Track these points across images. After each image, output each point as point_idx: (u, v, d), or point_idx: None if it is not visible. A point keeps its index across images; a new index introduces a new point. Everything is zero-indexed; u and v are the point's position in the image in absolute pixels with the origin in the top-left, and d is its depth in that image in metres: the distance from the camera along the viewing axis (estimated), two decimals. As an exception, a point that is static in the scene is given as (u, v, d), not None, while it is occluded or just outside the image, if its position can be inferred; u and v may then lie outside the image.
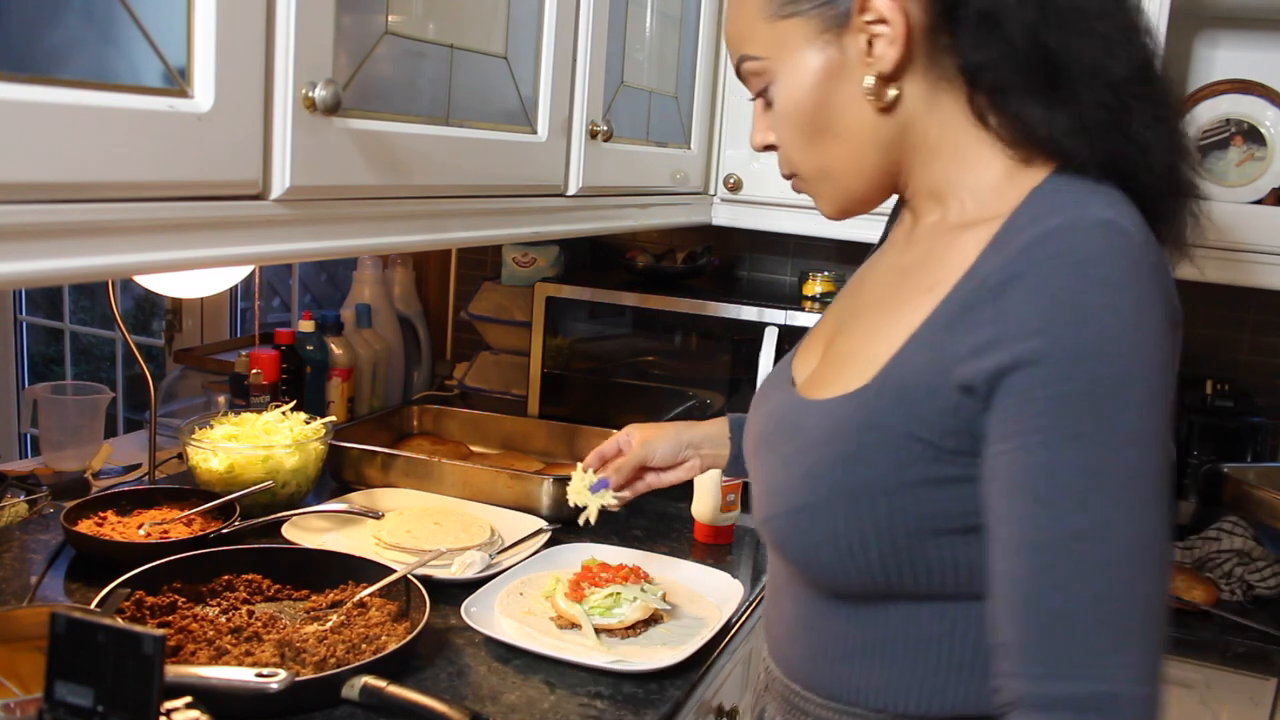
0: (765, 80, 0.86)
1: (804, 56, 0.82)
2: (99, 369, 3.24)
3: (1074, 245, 0.71)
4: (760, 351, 1.83)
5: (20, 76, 0.67)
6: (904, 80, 0.80)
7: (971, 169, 0.82)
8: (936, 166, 0.83)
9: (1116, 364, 0.69)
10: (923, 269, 0.83)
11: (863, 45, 0.80)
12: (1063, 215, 0.73)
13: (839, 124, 0.83)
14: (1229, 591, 1.64)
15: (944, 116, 0.81)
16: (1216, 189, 1.79)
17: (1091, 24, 0.76)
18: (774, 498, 0.85)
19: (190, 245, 0.81)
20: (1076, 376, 0.69)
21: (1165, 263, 0.76)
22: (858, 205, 0.88)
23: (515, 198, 1.26)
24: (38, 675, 0.73)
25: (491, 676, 1.18)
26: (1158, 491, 0.70)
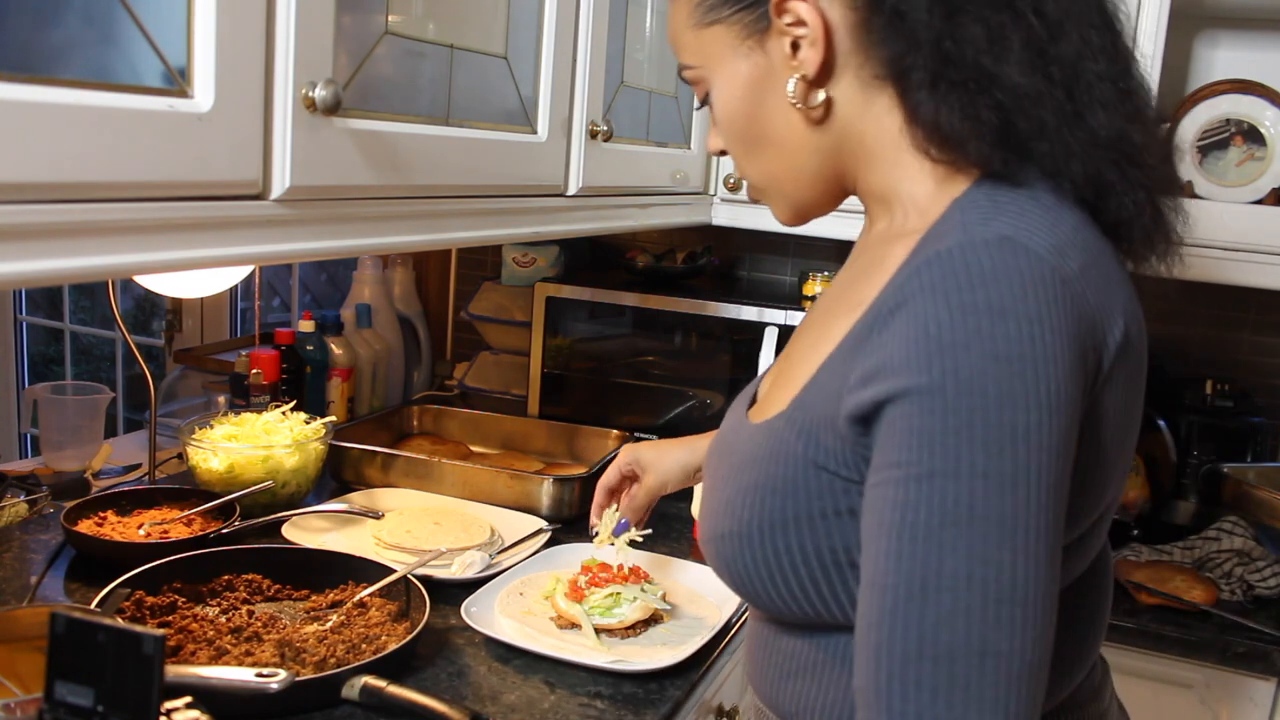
0: (704, 88, 0.84)
1: (732, 64, 0.80)
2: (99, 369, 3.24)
3: (957, 269, 0.66)
4: (760, 351, 1.83)
5: (20, 76, 0.67)
6: (833, 84, 0.77)
7: (907, 176, 0.78)
8: (877, 172, 0.80)
9: (982, 398, 0.64)
10: (856, 284, 0.79)
11: (786, 50, 0.77)
12: (957, 234, 0.69)
13: (772, 131, 0.81)
14: (1229, 591, 1.64)
15: (878, 120, 0.78)
16: (1216, 189, 1.79)
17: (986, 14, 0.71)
18: (704, 522, 0.84)
19: (190, 245, 0.81)
20: (936, 410, 0.64)
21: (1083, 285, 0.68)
22: (808, 210, 0.86)
23: (515, 198, 1.26)
24: (38, 675, 0.73)
25: (491, 676, 1.18)
26: (1033, 540, 0.64)
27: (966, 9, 0.71)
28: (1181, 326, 2.01)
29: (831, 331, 0.78)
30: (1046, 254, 0.67)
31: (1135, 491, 1.81)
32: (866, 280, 0.77)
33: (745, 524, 0.78)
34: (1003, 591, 0.63)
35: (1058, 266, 0.67)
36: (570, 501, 1.65)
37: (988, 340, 0.64)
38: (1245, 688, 1.54)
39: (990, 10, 0.71)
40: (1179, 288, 0.75)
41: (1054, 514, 0.65)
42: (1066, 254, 0.69)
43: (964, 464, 0.64)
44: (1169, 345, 2.01)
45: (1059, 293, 0.66)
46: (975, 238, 0.68)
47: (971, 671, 0.63)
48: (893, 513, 0.66)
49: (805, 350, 0.82)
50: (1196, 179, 1.80)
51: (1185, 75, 1.95)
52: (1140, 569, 1.68)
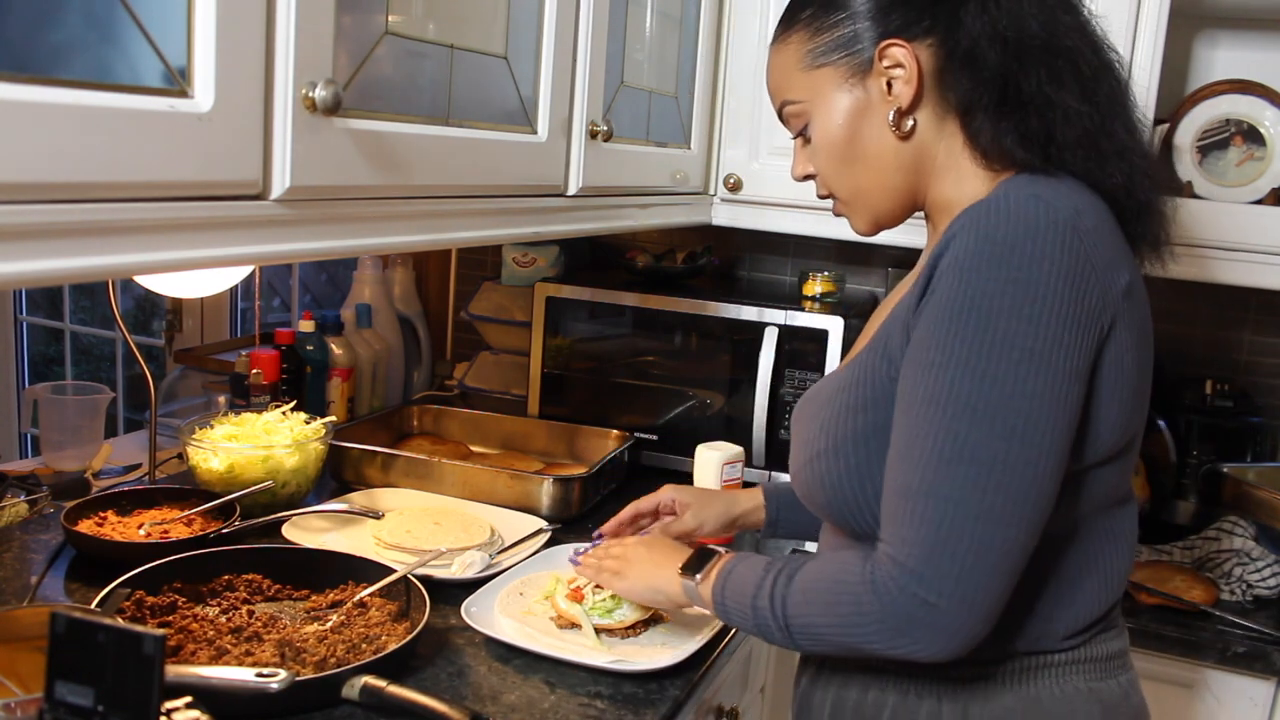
0: (804, 120, 1.02)
1: (835, 98, 0.98)
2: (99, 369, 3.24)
3: (990, 212, 0.85)
4: (760, 351, 1.83)
5: (20, 76, 0.67)
6: (917, 112, 0.96)
7: (966, 183, 0.96)
8: (944, 183, 0.98)
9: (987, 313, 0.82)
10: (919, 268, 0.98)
11: (883, 86, 0.96)
12: (1001, 190, 0.88)
13: (867, 152, 0.99)
14: (1229, 591, 1.64)
15: (947, 141, 0.97)
16: (1216, 189, 1.79)
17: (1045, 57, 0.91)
18: (798, 451, 1.01)
19: (190, 245, 0.81)
20: (948, 318, 0.84)
21: (1095, 240, 0.86)
22: (886, 220, 1.03)
23: (515, 198, 1.26)
24: (38, 675, 0.73)
25: (491, 676, 1.18)
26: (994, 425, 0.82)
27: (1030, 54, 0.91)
28: (1181, 326, 2.01)
29: (900, 294, 0.98)
30: (1065, 210, 0.85)
31: (1135, 491, 1.80)
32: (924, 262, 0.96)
33: (839, 439, 0.94)
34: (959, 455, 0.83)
35: (1072, 221, 0.85)
36: (570, 501, 1.65)
37: (1002, 266, 0.82)
38: (1245, 688, 1.54)
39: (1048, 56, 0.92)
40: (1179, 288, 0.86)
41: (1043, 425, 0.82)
42: (1082, 215, 0.86)
43: (953, 358, 0.84)
44: (1169, 345, 2.00)
45: (1069, 239, 0.84)
46: (1006, 193, 0.87)
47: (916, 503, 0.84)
48: (904, 395, 0.88)
49: (877, 318, 1.04)
50: (1196, 179, 1.80)
51: (1185, 75, 1.95)
52: (1140, 569, 1.68)
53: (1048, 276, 0.82)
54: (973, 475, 0.82)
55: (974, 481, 0.82)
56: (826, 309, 1.87)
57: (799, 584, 0.93)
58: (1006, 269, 0.82)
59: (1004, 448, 0.82)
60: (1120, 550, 0.97)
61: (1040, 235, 0.83)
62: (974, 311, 0.83)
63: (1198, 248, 1.65)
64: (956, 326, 0.83)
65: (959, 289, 0.84)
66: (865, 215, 1.03)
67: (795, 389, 1.84)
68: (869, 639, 0.87)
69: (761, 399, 1.83)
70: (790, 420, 1.11)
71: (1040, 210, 0.84)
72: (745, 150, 1.86)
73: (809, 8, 1.00)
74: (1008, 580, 0.84)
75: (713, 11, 1.79)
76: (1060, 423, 0.83)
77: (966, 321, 0.83)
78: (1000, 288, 0.82)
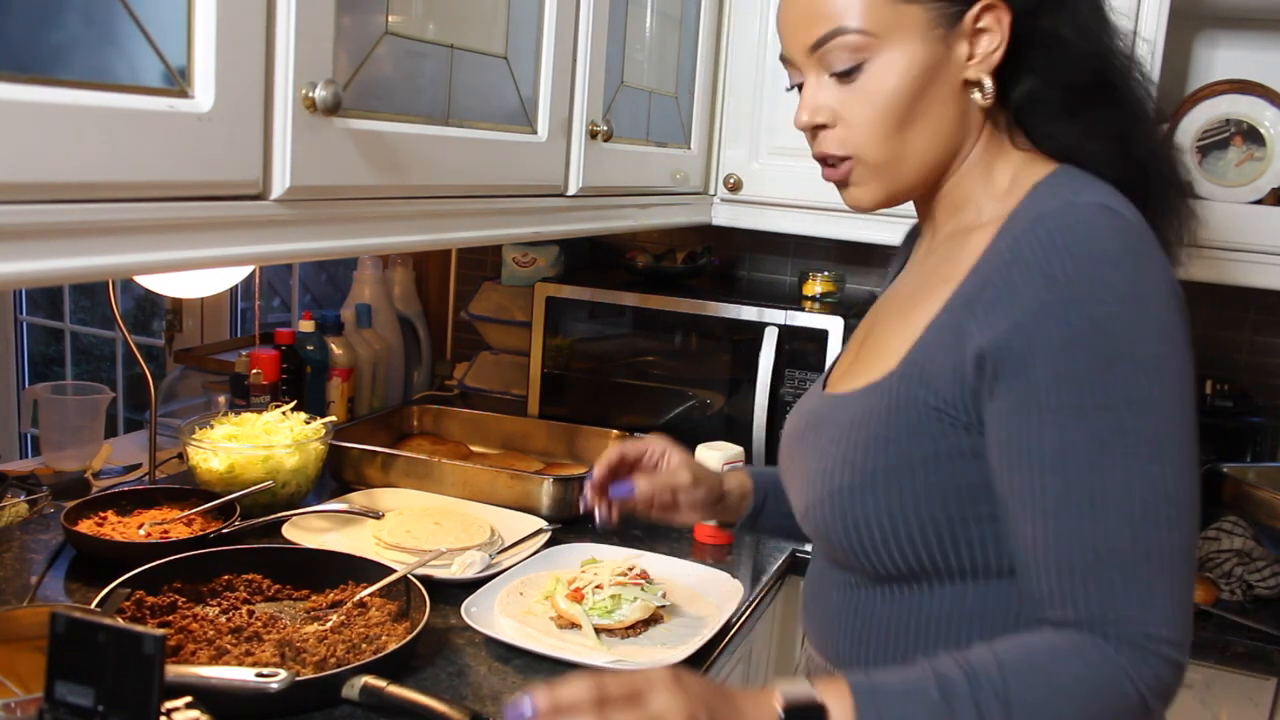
0: (860, 57, 0.86)
1: (914, 44, 0.85)
2: (99, 369, 3.24)
3: (1072, 226, 0.78)
4: (760, 351, 1.83)
5: (20, 76, 0.67)
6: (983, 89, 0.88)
7: (990, 178, 0.90)
8: (973, 172, 0.91)
9: (1115, 338, 0.75)
10: (940, 268, 0.90)
11: (966, 48, 0.86)
12: (1058, 200, 0.81)
13: (925, 116, 0.87)
14: (1229, 591, 1.64)
15: (992, 129, 0.90)
16: (1216, 189, 1.79)
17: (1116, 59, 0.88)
18: (813, 486, 0.90)
19: (190, 245, 0.81)
20: (1077, 353, 0.75)
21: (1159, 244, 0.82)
22: (900, 196, 0.92)
23: (515, 198, 1.26)
24: (38, 675, 0.73)
25: (491, 676, 1.18)
26: (1171, 452, 0.75)
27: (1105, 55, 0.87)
28: (1181, 326, 2.00)
29: (924, 305, 0.88)
30: (1136, 221, 0.81)
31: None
32: (953, 262, 0.88)
33: (869, 473, 0.85)
34: (1158, 497, 0.75)
35: (1145, 229, 0.81)
36: (570, 501, 1.65)
37: (1111, 286, 0.76)
38: (1245, 688, 1.54)
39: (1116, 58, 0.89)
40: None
41: (1190, 428, 0.77)
42: (1141, 221, 0.82)
43: (1109, 397, 0.75)
44: (1169, 345, 2.00)
45: (1153, 249, 0.80)
46: (1077, 202, 0.80)
47: (1140, 566, 0.75)
48: (1047, 446, 0.77)
49: (893, 327, 0.92)
50: (1196, 179, 1.80)
51: (1185, 75, 1.95)
52: (1140, 569, 1.68)
53: (1156, 288, 0.77)
54: (1173, 515, 0.75)
55: (1177, 522, 0.75)
56: (826, 309, 1.87)
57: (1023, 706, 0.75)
58: (1118, 287, 0.76)
59: (1190, 476, 0.76)
60: None
61: (1134, 248, 0.78)
62: (1104, 339, 0.75)
63: (1198, 248, 1.63)
64: (1084, 363, 0.75)
65: (1067, 320, 0.75)
66: (883, 187, 0.91)
67: (795, 389, 1.84)
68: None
69: (761, 399, 1.83)
70: (785, 447, 1.01)
71: (1118, 223, 0.79)
72: (745, 150, 1.86)
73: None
74: None
75: (713, 11, 1.79)
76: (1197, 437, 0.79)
77: (1096, 355, 0.75)
78: (1120, 309, 0.75)
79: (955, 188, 0.91)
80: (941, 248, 0.93)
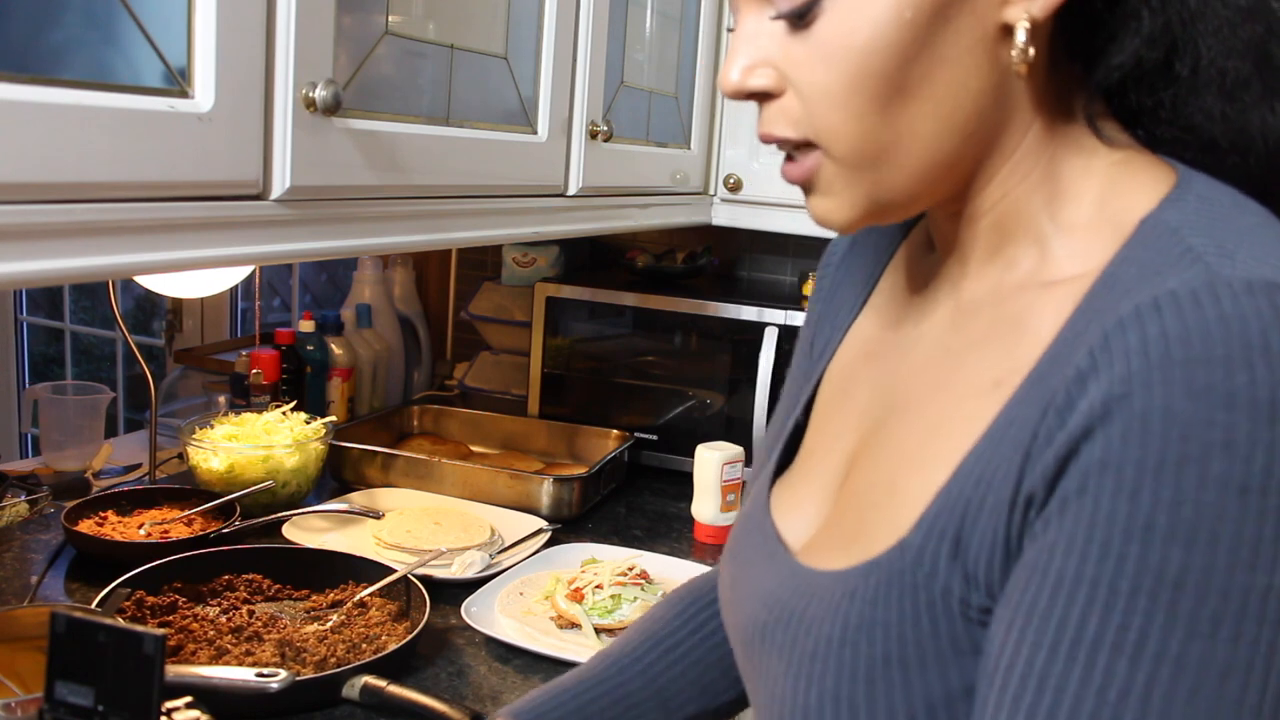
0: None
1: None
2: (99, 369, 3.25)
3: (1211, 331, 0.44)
4: (760, 351, 1.83)
5: (20, 76, 0.67)
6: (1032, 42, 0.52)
7: (1057, 192, 0.56)
8: (1016, 184, 0.56)
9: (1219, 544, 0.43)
10: (984, 353, 0.56)
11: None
12: (1191, 269, 0.46)
13: (930, 82, 0.52)
14: (1229, 591, 1.64)
15: (1050, 114, 0.55)
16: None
17: None
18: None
19: (190, 245, 0.81)
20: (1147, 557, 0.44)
21: None
22: (892, 210, 0.58)
23: (515, 198, 1.26)
24: (38, 675, 0.73)
25: (491, 676, 1.18)
26: None
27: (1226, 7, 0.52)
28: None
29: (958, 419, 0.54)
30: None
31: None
32: (1006, 348, 0.54)
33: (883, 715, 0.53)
34: None
35: None
36: (570, 501, 1.65)
37: (1239, 455, 0.43)
38: (1245, 688, 1.54)
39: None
40: None
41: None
42: None
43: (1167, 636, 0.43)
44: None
45: None
46: (1221, 278, 0.45)
47: None
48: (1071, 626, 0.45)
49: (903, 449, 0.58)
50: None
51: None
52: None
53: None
54: None
55: None
56: (826, 309, 1.87)
57: None
58: (1245, 461, 0.43)
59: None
60: None
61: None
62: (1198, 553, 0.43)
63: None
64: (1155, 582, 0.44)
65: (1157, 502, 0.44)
66: (864, 195, 0.57)
67: (795, 389, 1.84)
68: None
69: (761, 399, 1.83)
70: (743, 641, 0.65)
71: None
72: (745, 150, 1.86)
73: None
74: None
75: (713, 11, 1.79)
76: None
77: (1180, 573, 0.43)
78: (1224, 498, 0.43)
79: (998, 202, 0.57)
80: (989, 310, 0.58)
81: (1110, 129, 0.56)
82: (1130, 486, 0.44)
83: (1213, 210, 0.51)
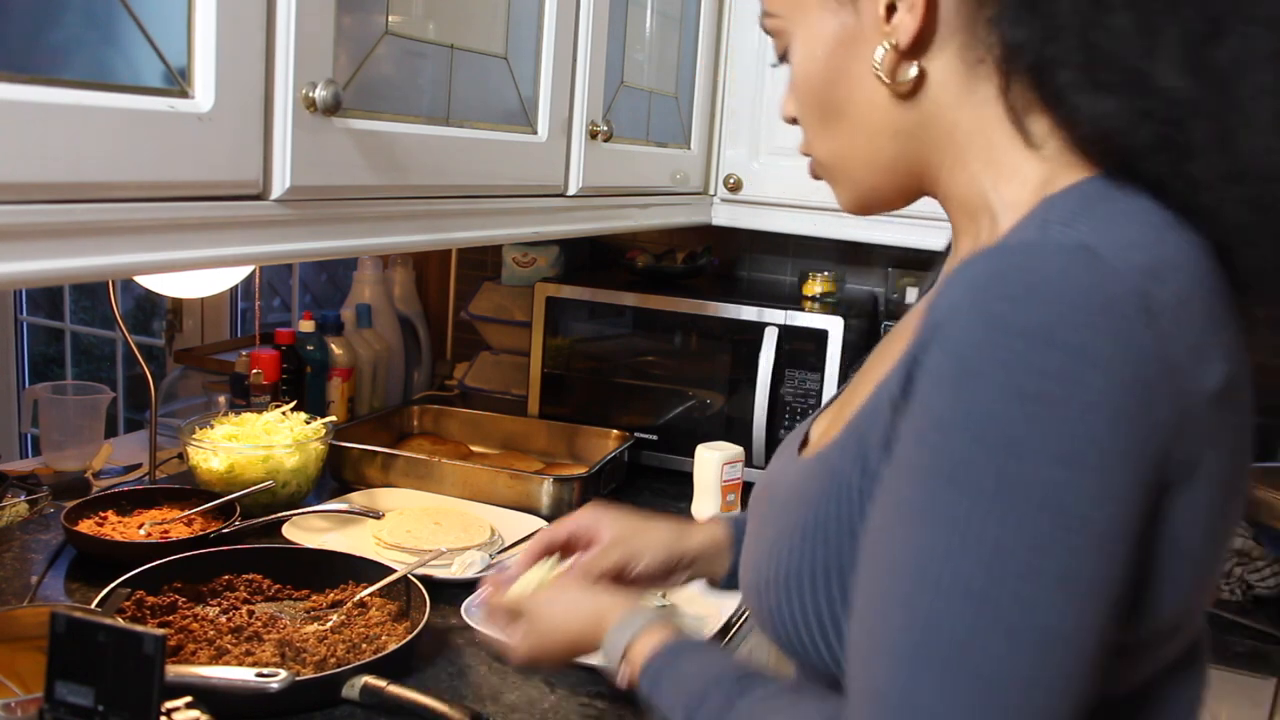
0: (784, 42, 0.73)
1: (818, 19, 0.69)
2: (99, 369, 3.25)
3: (1010, 277, 0.55)
4: (760, 351, 1.83)
5: (20, 76, 0.67)
6: (929, 58, 0.65)
7: (1004, 178, 0.66)
8: (966, 171, 0.68)
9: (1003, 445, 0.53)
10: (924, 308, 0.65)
11: (880, 11, 0.66)
12: (1029, 233, 0.59)
13: (850, 104, 0.69)
14: (1228, 591, 1.64)
15: (976, 110, 0.66)
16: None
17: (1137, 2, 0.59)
18: (746, 571, 0.74)
19: (190, 245, 0.81)
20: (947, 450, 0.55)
21: (1177, 318, 0.55)
22: (874, 201, 0.74)
23: (515, 198, 1.26)
24: (38, 675, 0.74)
25: (491, 676, 1.18)
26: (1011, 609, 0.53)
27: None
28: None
29: (892, 354, 0.69)
30: (1133, 274, 0.55)
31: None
32: None
33: (792, 572, 0.67)
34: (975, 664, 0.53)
35: (1145, 291, 0.54)
36: (570, 501, 1.65)
37: (1019, 372, 0.53)
38: (1245, 688, 1.54)
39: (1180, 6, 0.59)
40: None
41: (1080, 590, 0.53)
42: (1163, 277, 0.56)
43: (964, 516, 0.54)
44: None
45: (1133, 323, 0.54)
46: (1049, 240, 0.57)
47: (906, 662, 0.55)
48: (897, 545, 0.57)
49: (865, 378, 0.74)
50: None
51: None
52: (1140, 569, 1.67)
53: (1094, 391, 0.53)
54: (976, 689, 0.53)
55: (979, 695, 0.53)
56: (826, 309, 1.87)
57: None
58: (1029, 378, 0.53)
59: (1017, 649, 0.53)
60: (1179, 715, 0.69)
61: (1085, 323, 0.53)
62: (977, 443, 0.54)
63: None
64: (951, 461, 0.55)
65: (956, 403, 0.55)
66: (848, 189, 0.74)
67: (795, 389, 1.84)
68: None
69: (761, 399, 1.83)
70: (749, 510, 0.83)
71: (1089, 277, 0.54)
72: (745, 150, 1.86)
73: None
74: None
75: (713, 11, 1.79)
76: (1097, 605, 0.54)
77: (966, 456, 0.54)
78: (1018, 409, 0.53)
79: (957, 184, 0.69)
80: None
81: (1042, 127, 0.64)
82: (939, 390, 0.56)
83: (1089, 196, 0.61)
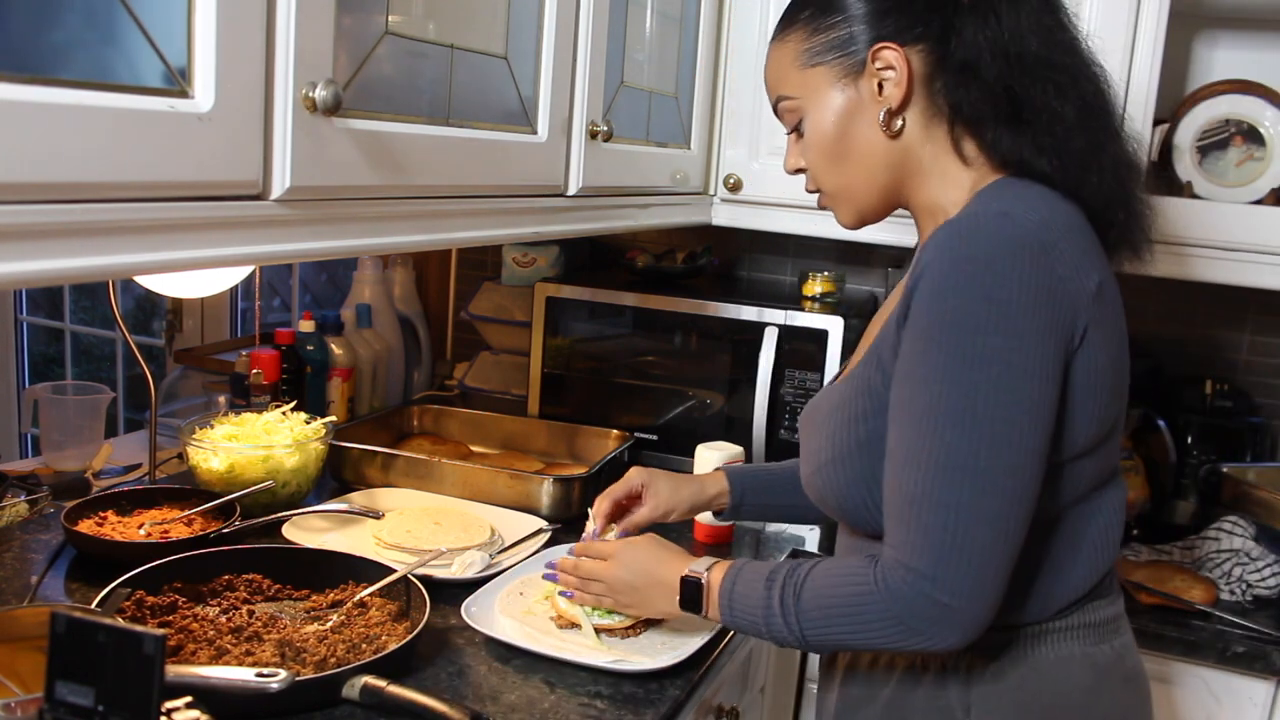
0: (798, 116, 1.06)
1: (829, 96, 1.03)
2: (99, 369, 3.25)
3: (961, 233, 0.91)
4: (760, 351, 1.83)
5: (20, 76, 0.67)
6: (906, 113, 1.01)
7: (951, 187, 1.02)
8: (928, 186, 1.04)
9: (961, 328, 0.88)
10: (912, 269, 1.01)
11: (874, 87, 1.01)
12: (973, 207, 0.95)
13: (856, 149, 1.03)
14: (1228, 591, 1.64)
15: (935, 144, 1.02)
16: (1216, 189, 1.79)
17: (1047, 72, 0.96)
18: (806, 461, 1.08)
19: (190, 245, 0.81)
20: (933, 335, 0.90)
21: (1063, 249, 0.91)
22: (869, 215, 1.09)
23: (515, 198, 1.26)
24: (38, 675, 0.74)
25: (491, 676, 1.18)
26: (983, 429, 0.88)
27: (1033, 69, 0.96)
28: (1181, 326, 2.01)
29: (889, 307, 1.04)
30: (1033, 226, 0.91)
31: (1135, 492, 1.80)
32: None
33: (844, 450, 1.00)
34: (956, 462, 0.89)
35: (1040, 235, 0.90)
36: (570, 501, 1.65)
37: (976, 285, 0.88)
38: (1245, 688, 1.54)
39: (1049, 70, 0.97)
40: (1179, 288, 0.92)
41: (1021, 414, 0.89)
42: (1051, 226, 0.92)
43: (936, 374, 0.90)
44: (1169, 345, 2.00)
45: (1035, 255, 0.89)
46: (982, 211, 0.92)
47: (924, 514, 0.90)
48: (897, 407, 0.93)
49: (871, 329, 1.09)
50: (1196, 179, 1.80)
51: (1185, 75, 1.95)
52: (1140, 569, 1.68)
53: (1018, 293, 0.88)
54: (969, 481, 0.89)
55: (970, 487, 0.89)
56: (826, 309, 1.87)
57: (810, 595, 0.98)
58: (980, 288, 0.88)
59: (991, 454, 0.88)
60: (1107, 524, 1.02)
61: (1008, 254, 0.88)
62: (953, 329, 0.89)
63: (1198, 248, 1.65)
64: (938, 344, 0.89)
65: (938, 309, 0.89)
66: (850, 210, 1.08)
67: (795, 389, 1.84)
68: (886, 639, 0.94)
69: (761, 399, 1.83)
70: (797, 428, 1.18)
71: (1008, 228, 0.89)
72: (745, 150, 1.86)
73: (808, 9, 1.05)
74: (1007, 571, 0.91)
75: (713, 11, 1.79)
76: (1039, 426, 0.90)
77: (947, 339, 0.89)
78: (975, 306, 0.88)
79: (922, 197, 1.04)
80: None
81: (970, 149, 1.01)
82: (926, 303, 0.91)
83: (1004, 186, 0.98)
